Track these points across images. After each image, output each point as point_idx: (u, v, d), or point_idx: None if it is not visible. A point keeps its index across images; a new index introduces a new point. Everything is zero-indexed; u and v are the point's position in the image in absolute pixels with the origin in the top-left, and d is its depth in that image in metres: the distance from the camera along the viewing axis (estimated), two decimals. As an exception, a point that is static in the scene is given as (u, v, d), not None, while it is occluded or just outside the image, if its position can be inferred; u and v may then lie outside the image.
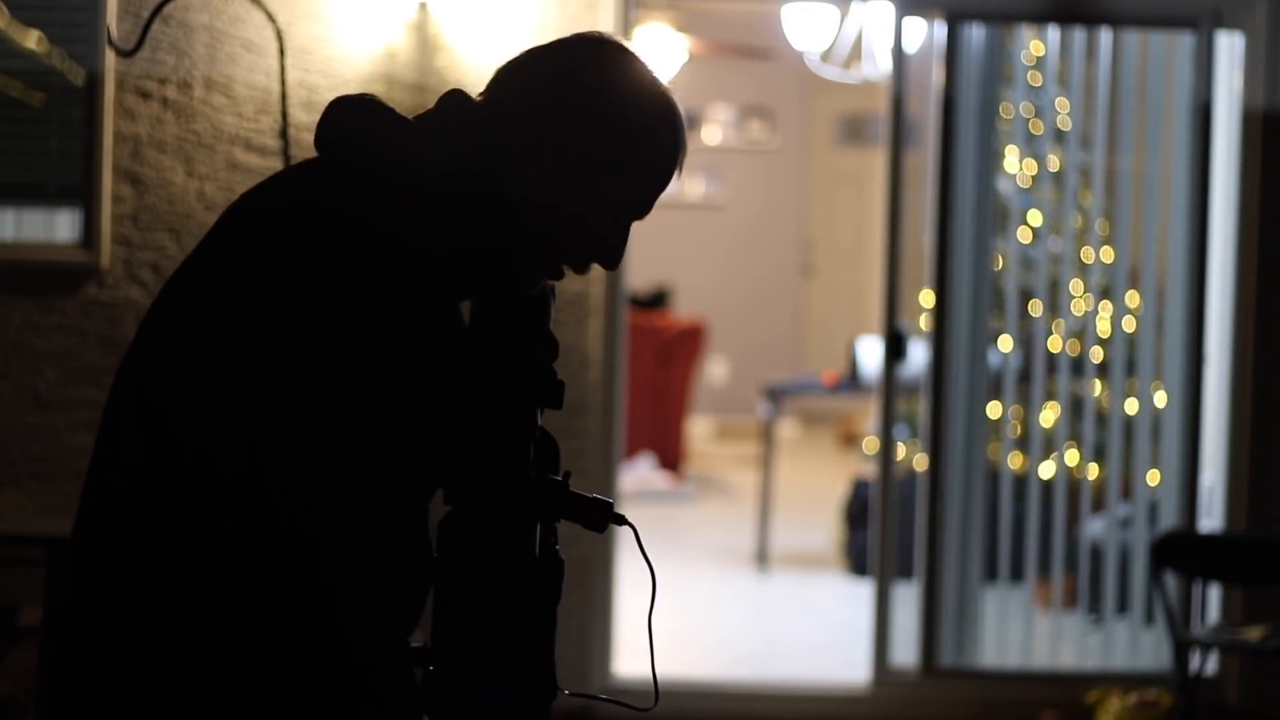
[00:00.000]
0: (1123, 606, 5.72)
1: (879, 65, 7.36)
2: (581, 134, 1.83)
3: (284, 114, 4.85)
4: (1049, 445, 5.81)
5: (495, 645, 1.72)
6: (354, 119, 1.82)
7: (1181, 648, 4.77)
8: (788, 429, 11.61)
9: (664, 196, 1.92)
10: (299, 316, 1.69)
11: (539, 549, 1.78)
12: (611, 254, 1.89)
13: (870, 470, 7.02)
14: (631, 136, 1.85)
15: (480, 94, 1.87)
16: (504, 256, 1.83)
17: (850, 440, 11.08)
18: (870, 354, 7.71)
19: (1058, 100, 5.99)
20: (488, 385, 1.77)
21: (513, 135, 1.83)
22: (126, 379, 1.80)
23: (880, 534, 5.51)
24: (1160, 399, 5.65)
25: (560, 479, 1.82)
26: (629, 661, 5.46)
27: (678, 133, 1.88)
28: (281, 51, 4.85)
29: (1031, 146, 6.05)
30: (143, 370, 1.78)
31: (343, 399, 1.68)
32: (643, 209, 1.89)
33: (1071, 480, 5.83)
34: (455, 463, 1.75)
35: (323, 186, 1.78)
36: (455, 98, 1.87)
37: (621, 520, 1.86)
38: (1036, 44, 5.98)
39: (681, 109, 1.91)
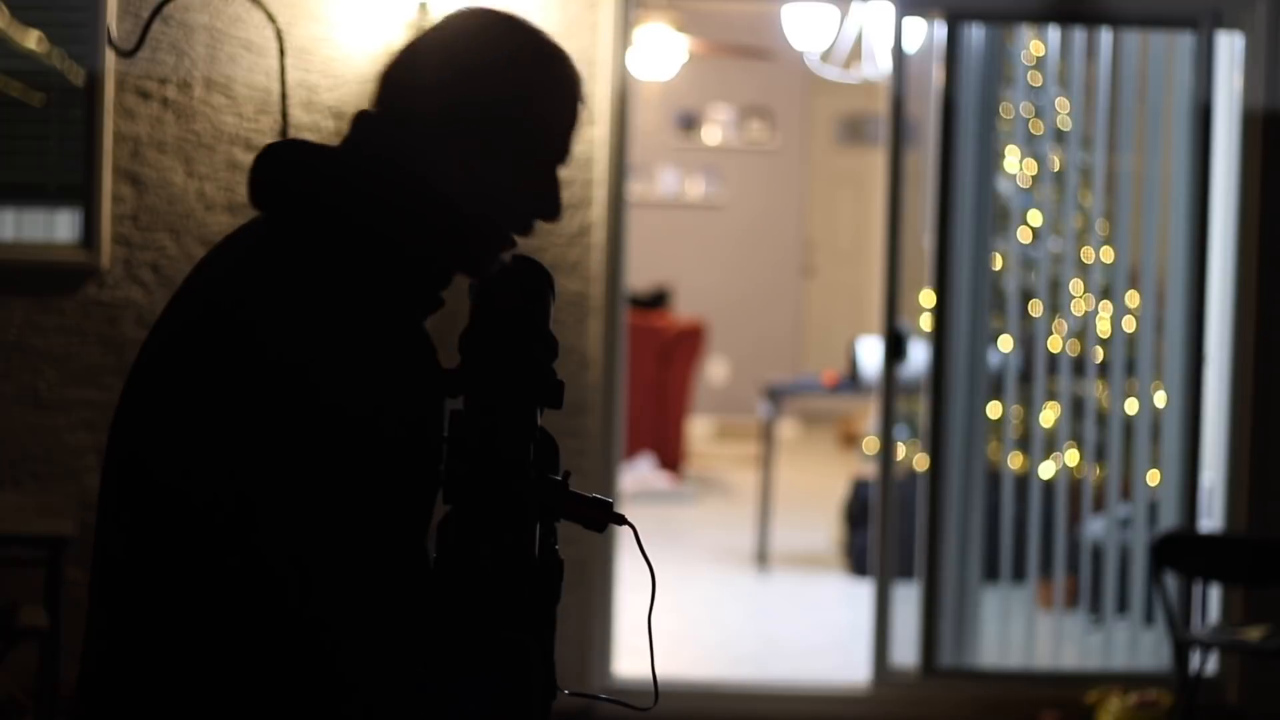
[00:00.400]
0: (1123, 606, 5.72)
1: (879, 65, 7.36)
2: (476, 104, 1.85)
3: (284, 114, 4.85)
4: (1049, 445, 5.81)
5: (494, 646, 1.72)
6: (284, 168, 1.85)
7: (1181, 648, 4.77)
8: (788, 429, 11.61)
9: (664, 196, 1.93)
10: (277, 373, 1.71)
11: (538, 549, 1.77)
12: (550, 206, 1.91)
13: (870, 470, 7.02)
14: (524, 87, 1.87)
15: (373, 106, 1.88)
16: (454, 251, 1.85)
17: (850, 440, 11.08)
18: (870, 354, 7.71)
19: (1058, 100, 5.99)
20: (485, 387, 1.77)
21: (417, 133, 1.85)
22: (120, 444, 1.82)
23: (880, 534, 5.51)
24: (1160, 399, 5.65)
25: (560, 479, 1.82)
26: (629, 661, 5.46)
27: (566, 68, 1.90)
28: (281, 51, 4.85)
29: (1031, 146, 6.05)
30: (136, 439, 1.80)
31: (334, 440, 1.69)
32: (562, 152, 1.91)
33: (1072, 480, 5.83)
34: (453, 467, 1.76)
35: (272, 244, 1.81)
36: (361, 119, 1.89)
37: (621, 520, 1.86)
38: (1036, 44, 5.98)
39: (564, 48, 1.92)
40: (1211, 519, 5.54)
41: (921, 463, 5.60)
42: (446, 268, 1.87)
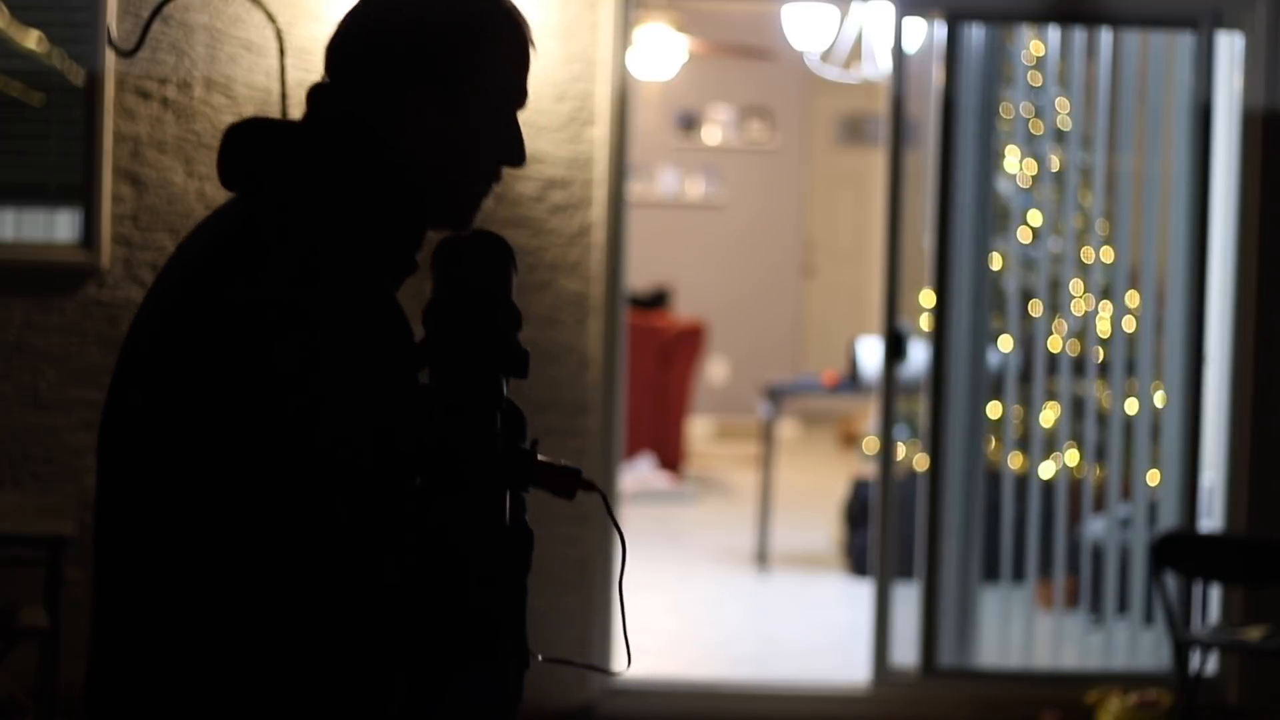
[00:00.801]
0: (1123, 606, 5.72)
1: (879, 65, 7.36)
2: (426, 58, 1.86)
3: (284, 114, 4.85)
4: (1049, 445, 5.81)
5: (468, 616, 1.73)
6: (250, 147, 1.86)
7: (1181, 648, 4.77)
8: (788, 429, 11.61)
9: (664, 196, 1.93)
10: (257, 354, 1.71)
11: (508, 519, 1.78)
12: (513, 151, 1.92)
13: (870, 470, 7.02)
14: (471, 34, 1.88)
15: (326, 78, 1.89)
16: (432, 208, 1.87)
17: (850, 440, 11.08)
18: (870, 354, 7.71)
19: (1058, 100, 5.99)
20: (450, 358, 1.78)
21: (373, 96, 1.86)
22: (106, 435, 1.83)
23: (880, 534, 5.51)
24: (1160, 399, 5.65)
25: (528, 448, 1.83)
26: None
27: (509, 10, 1.91)
28: (281, 51, 4.85)
29: (1031, 146, 6.05)
30: (119, 430, 1.81)
31: (315, 417, 1.70)
32: (519, 96, 1.91)
33: (1072, 480, 5.83)
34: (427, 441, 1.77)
35: (245, 225, 1.81)
36: (316, 92, 1.90)
37: (591, 486, 1.87)
38: (1036, 44, 5.98)
39: None
40: (1211, 519, 5.54)
41: (921, 463, 5.60)
42: (420, 228, 1.88)
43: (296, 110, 4.85)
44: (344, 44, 1.89)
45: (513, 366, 1.80)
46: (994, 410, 5.76)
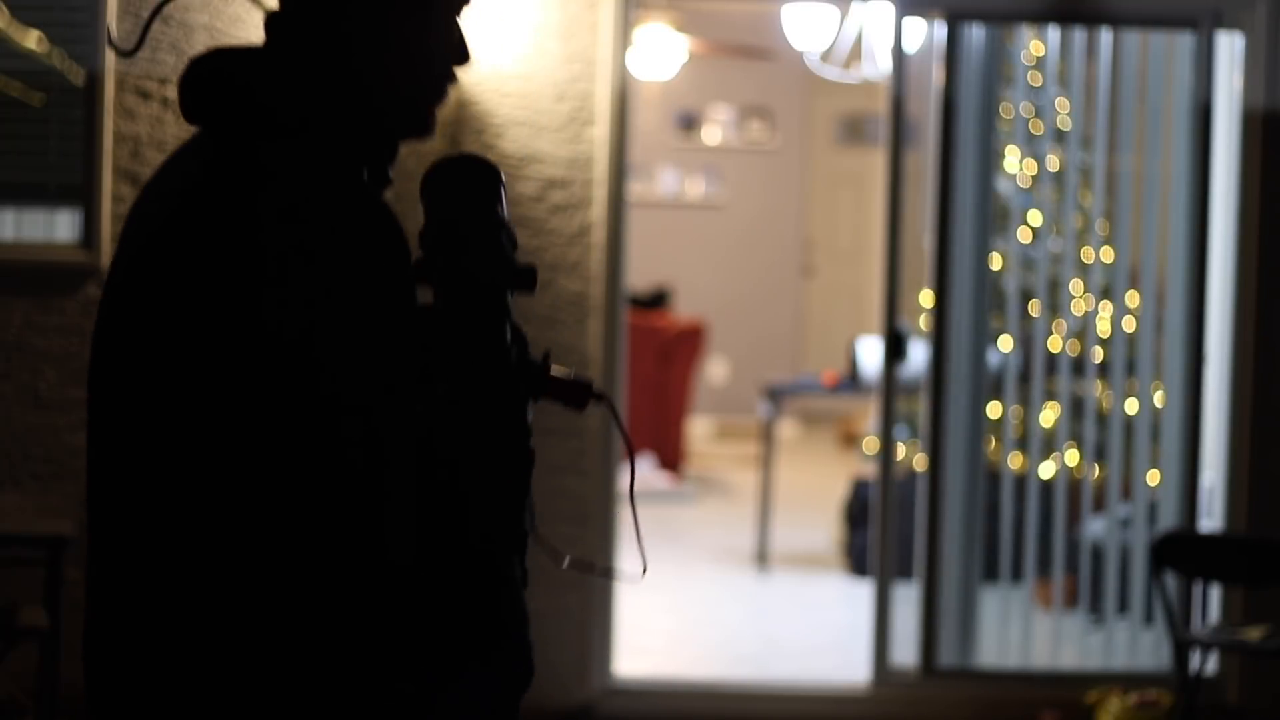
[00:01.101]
0: (1123, 606, 5.72)
1: (879, 65, 7.36)
2: None
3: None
4: (1049, 445, 5.81)
5: (480, 525, 1.73)
6: (213, 76, 1.85)
7: (1181, 648, 4.77)
8: (788, 429, 11.61)
9: (664, 196, 1.93)
10: (254, 283, 1.70)
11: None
12: (462, 51, 1.93)
13: (870, 470, 7.02)
14: None
15: (280, 7, 1.91)
16: (397, 119, 1.88)
17: (850, 440, 11.08)
18: (870, 354, 7.71)
19: (1058, 100, 5.99)
20: (455, 276, 1.77)
21: (328, 13, 1.87)
22: (99, 393, 1.82)
23: (880, 534, 5.51)
24: (1160, 399, 5.65)
25: (540, 360, 1.83)
26: (629, 661, 5.46)
27: None
28: (281, 51, 4.86)
29: (1031, 146, 6.05)
30: (113, 382, 1.80)
31: (324, 341, 1.69)
32: None
33: (1072, 480, 5.84)
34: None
35: (217, 156, 1.80)
36: (270, 20, 1.91)
37: (601, 396, 1.88)
38: (1036, 44, 5.98)
39: None
40: (1211, 519, 5.54)
41: (921, 463, 5.60)
42: (391, 140, 1.88)
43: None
44: None
45: (519, 280, 1.80)
46: (994, 410, 5.77)
